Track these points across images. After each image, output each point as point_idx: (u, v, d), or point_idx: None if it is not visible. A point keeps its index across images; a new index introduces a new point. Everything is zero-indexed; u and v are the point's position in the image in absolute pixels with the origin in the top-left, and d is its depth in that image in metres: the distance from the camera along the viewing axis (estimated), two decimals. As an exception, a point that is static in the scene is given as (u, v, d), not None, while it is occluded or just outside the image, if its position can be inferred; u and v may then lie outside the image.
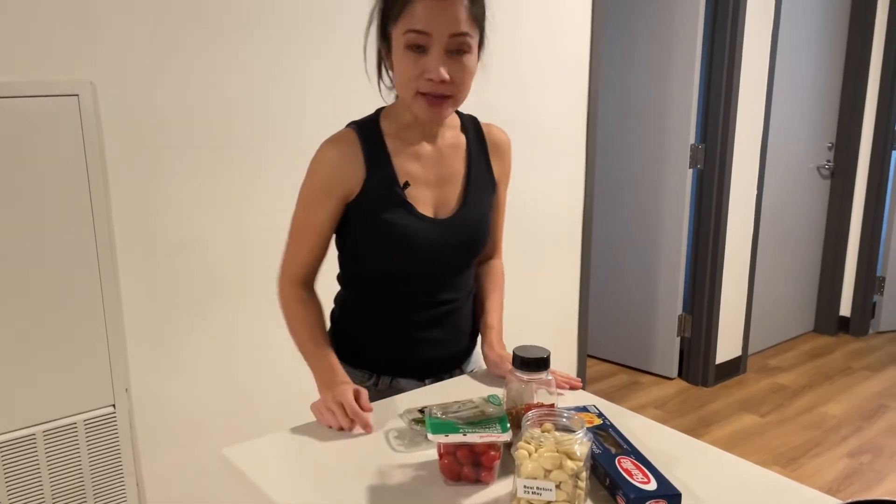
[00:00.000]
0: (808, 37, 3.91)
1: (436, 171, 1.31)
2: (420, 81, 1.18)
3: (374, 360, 1.38)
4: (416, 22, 1.15)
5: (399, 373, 1.39)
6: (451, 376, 1.42)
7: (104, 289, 1.86)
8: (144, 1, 1.85)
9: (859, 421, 3.32)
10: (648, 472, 0.96)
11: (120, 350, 1.91)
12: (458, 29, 1.15)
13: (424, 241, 1.28)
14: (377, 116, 1.32)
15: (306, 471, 1.05)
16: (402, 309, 1.35)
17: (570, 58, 2.83)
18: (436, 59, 1.16)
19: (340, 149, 1.27)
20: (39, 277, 1.77)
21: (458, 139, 1.35)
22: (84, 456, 1.88)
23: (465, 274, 1.39)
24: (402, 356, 1.38)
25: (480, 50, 1.24)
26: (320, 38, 2.15)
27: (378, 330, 1.37)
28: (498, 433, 0.98)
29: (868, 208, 4.28)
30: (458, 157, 1.34)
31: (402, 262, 1.30)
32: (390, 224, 1.26)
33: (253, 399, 2.20)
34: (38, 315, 1.79)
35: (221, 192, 2.05)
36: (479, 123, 1.40)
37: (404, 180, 1.28)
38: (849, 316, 4.46)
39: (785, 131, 3.92)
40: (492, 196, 1.39)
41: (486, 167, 1.37)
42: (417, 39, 1.16)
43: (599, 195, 3.70)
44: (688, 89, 3.43)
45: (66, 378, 1.85)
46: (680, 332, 3.73)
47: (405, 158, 1.29)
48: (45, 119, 1.72)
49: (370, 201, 1.27)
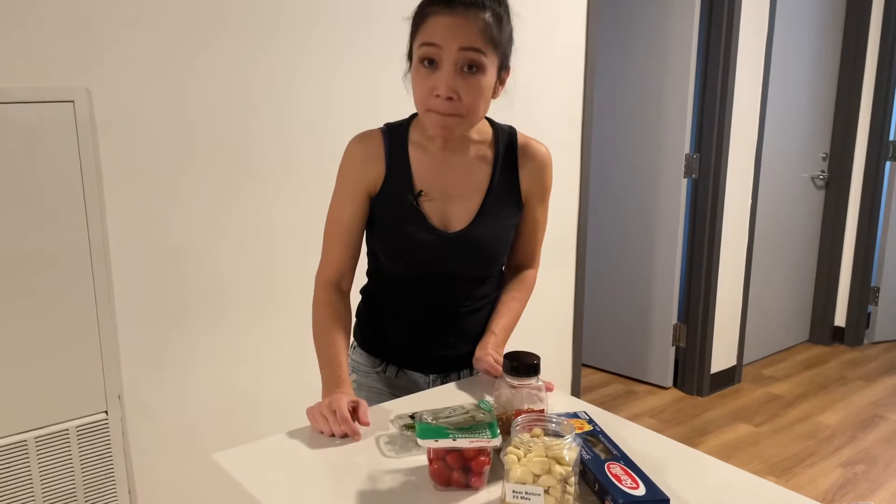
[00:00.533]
0: (802, 47, 3.93)
1: (454, 185, 1.32)
2: (430, 99, 1.21)
3: (384, 349, 1.43)
4: (430, 35, 1.18)
5: (407, 364, 1.43)
6: (460, 377, 1.44)
7: (98, 295, 1.86)
8: (140, 8, 1.85)
9: (854, 431, 3.32)
10: (637, 478, 0.96)
11: (113, 356, 1.91)
12: (469, 44, 1.17)
13: (428, 253, 1.30)
14: (409, 122, 1.35)
15: (297, 476, 1.05)
16: (414, 308, 1.38)
17: (566, 67, 2.84)
18: (445, 74, 1.18)
19: (365, 145, 1.32)
20: (33, 283, 1.77)
21: (485, 153, 1.35)
22: (76, 462, 1.87)
23: (484, 285, 1.40)
24: (410, 350, 1.42)
25: (503, 72, 1.25)
26: (317, 47, 2.16)
27: (389, 322, 1.42)
28: (488, 438, 0.98)
29: (862, 218, 4.30)
30: (482, 172, 1.34)
31: (409, 267, 1.34)
32: (400, 230, 1.31)
33: (245, 406, 2.20)
34: (31, 321, 1.79)
35: (216, 200, 2.05)
36: (515, 136, 1.38)
37: (419, 189, 1.30)
38: (843, 326, 4.46)
39: (779, 141, 3.94)
40: (515, 213, 1.38)
41: (511, 183, 1.36)
42: (429, 52, 1.18)
43: (594, 204, 3.71)
44: (682, 99, 3.45)
45: (59, 384, 1.84)
46: (675, 341, 3.74)
47: (424, 168, 1.31)
48: (40, 125, 1.73)
49: (386, 204, 1.31)
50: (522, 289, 1.48)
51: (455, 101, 1.19)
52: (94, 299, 1.86)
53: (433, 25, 1.18)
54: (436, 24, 1.18)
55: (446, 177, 1.32)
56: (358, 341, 1.48)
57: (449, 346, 1.41)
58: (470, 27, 1.17)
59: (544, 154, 1.40)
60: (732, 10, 3.34)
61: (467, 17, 1.17)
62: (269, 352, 2.21)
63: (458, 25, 1.16)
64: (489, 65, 1.20)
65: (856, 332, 4.43)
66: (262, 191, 2.12)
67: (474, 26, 1.17)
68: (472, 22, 1.17)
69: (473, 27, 1.17)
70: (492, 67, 1.21)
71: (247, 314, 2.15)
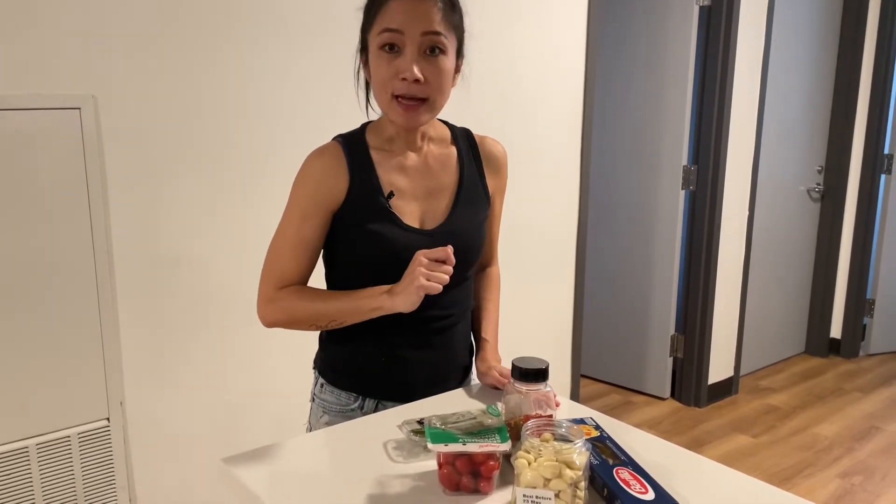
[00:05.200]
0: (798, 61, 3.97)
1: (423, 184, 1.30)
2: (394, 83, 1.19)
3: (359, 382, 1.33)
4: (390, 21, 1.17)
5: (385, 395, 1.34)
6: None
7: (101, 302, 1.86)
8: (146, 15, 1.87)
9: (851, 442, 3.33)
10: (646, 483, 0.97)
11: (115, 363, 1.91)
12: (432, 27, 1.17)
13: (409, 252, 1.21)
14: (363, 130, 1.32)
15: (305, 481, 1.06)
16: (390, 326, 1.28)
17: (566, 78, 2.86)
18: (409, 58, 1.18)
19: (324, 160, 1.27)
20: (36, 289, 1.77)
21: (448, 151, 1.35)
22: (77, 469, 1.87)
23: (458, 289, 1.33)
24: (388, 378, 1.33)
25: (458, 60, 1.26)
26: (323, 53, 2.17)
27: (364, 349, 1.32)
28: (497, 443, 0.99)
29: (858, 231, 4.33)
30: (448, 170, 1.33)
31: (387, 274, 1.23)
32: (375, 234, 1.25)
33: (247, 413, 2.20)
34: (34, 327, 1.79)
35: (220, 208, 2.06)
36: (472, 136, 1.39)
37: (389, 190, 1.27)
38: (839, 338, 4.48)
39: (775, 154, 3.97)
40: (485, 209, 1.37)
41: (478, 180, 1.36)
42: (391, 38, 1.18)
43: (593, 215, 3.73)
44: (680, 111, 3.48)
45: (61, 391, 1.84)
46: (672, 352, 3.75)
47: (390, 170, 1.28)
48: (46, 132, 1.73)
49: (354, 211, 1.26)
50: (494, 289, 1.49)
51: (422, 83, 1.19)
52: (97, 306, 1.86)
53: (392, 10, 1.17)
54: (395, 9, 1.17)
55: (414, 175, 1.30)
56: (327, 378, 1.36)
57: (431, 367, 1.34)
58: (430, 10, 1.17)
59: (502, 151, 1.41)
60: (730, 24, 3.38)
61: (425, 1, 1.17)
62: (271, 359, 2.21)
63: (418, 9, 1.17)
64: (450, 48, 1.21)
65: (852, 344, 4.45)
66: (266, 198, 2.13)
67: (434, 9, 1.17)
68: (430, 5, 1.17)
69: (433, 10, 1.17)
70: (451, 51, 1.22)
71: (249, 321, 2.15)
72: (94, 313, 1.86)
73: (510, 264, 2.79)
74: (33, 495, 1.81)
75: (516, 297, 2.85)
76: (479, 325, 1.44)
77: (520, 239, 2.83)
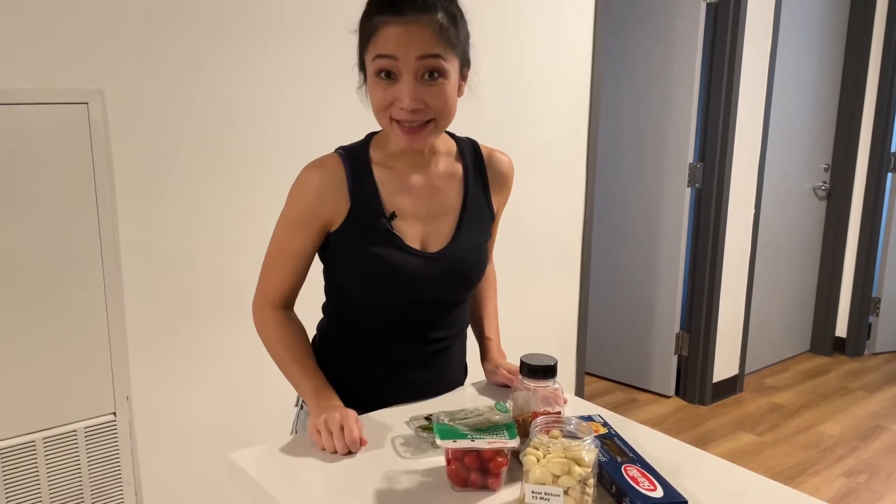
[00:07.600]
0: (804, 59, 3.96)
1: (426, 204, 1.24)
2: (392, 109, 1.13)
3: (351, 395, 1.26)
4: (384, 46, 1.10)
5: (372, 410, 1.29)
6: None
7: (108, 297, 1.87)
8: (154, 11, 1.87)
9: (856, 441, 3.33)
10: (655, 480, 0.97)
11: (121, 358, 1.92)
12: (426, 51, 1.09)
13: (411, 275, 1.21)
14: (367, 142, 1.27)
15: (314, 476, 1.06)
16: (387, 345, 1.28)
17: (572, 76, 2.86)
18: (406, 86, 1.11)
19: (323, 176, 1.21)
20: (43, 284, 1.78)
21: (454, 168, 1.28)
22: (84, 464, 1.87)
23: (456, 311, 1.32)
24: (381, 395, 1.30)
25: (464, 72, 1.19)
26: (331, 53, 2.17)
27: (359, 365, 1.30)
28: (506, 439, 0.99)
29: (864, 230, 4.32)
30: (453, 189, 1.27)
31: (387, 295, 1.23)
32: (376, 257, 1.20)
33: (253, 408, 2.20)
34: (41, 322, 1.79)
35: (226, 203, 2.06)
36: (479, 149, 1.32)
37: (391, 211, 1.22)
38: (844, 337, 4.47)
39: (782, 152, 3.96)
40: (488, 228, 1.33)
41: (483, 198, 1.31)
42: (385, 65, 1.11)
43: (598, 213, 3.72)
44: (687, 109, 3.47)
45: (67, 385, 1.84)
46: (677, 350, 3.74)
47: (393, 189, 1.23)
48: (53, 127, 1.74)
49: (355, 233, 1.21)
50: (491, 287, 1.48)
51: (422, 109, 1.12)
52: (103, 301, 1.86)
53: (384, 36, 1.10)
54: (387, 34, 1.09)
55: (418, 196, 1.24)
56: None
57: (425, 387, 1.32)
58: (425, 33, 1.09)
59: (509, 166, 1.35)
60: (737, 22, 3.37)
61: (420, 23, 1.08)
62: (276, 355, 2.21)
63: (412, 33, 1.08)
64: (450, 68, 1.13)
65: (857, 343, 4.44)
66: (272, 194, 2.13)
67: (429, 31, 1.09)
68: (425, 27, 1.09)
69: (428, 32, 1.09)
70: (453, 69, 1.14)
71: (254, 317, 2.15)
72: (100, 308, 1.86)
73: (516, 262, 2.79)
74: (40, 489, 1.82)
75: (522, 295, 2.85)
76: (481, 324, 1.43)
77: (525, 236, 2.82)
